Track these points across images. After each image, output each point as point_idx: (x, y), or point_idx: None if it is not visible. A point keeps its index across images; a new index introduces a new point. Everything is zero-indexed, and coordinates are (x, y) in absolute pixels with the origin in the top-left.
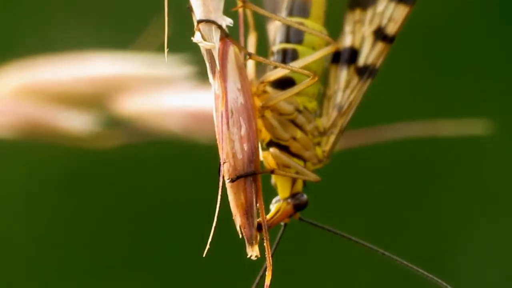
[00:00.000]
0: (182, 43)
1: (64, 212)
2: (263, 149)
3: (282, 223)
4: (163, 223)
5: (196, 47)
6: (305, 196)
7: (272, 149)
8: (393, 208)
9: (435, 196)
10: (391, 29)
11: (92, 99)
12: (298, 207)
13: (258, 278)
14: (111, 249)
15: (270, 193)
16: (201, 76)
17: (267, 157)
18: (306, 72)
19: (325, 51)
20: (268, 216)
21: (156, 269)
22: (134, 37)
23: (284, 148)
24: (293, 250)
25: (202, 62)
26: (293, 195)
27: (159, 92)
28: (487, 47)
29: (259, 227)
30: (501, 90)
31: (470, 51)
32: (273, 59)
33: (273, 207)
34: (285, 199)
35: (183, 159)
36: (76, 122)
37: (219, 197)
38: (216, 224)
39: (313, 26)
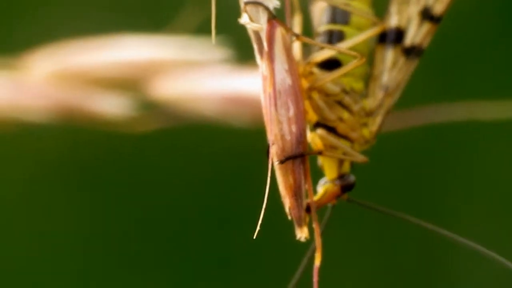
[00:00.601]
0: (217, 25)
1: (84, 201)
2: (310, 131)
3: (330, 204)
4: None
5: (230, 29)
6: (352, 177)
7: (319, 130)
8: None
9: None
10: (438, 9)
11: (128, 83)
12: (346, 188)
13: (305, 259)
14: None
15: (317, 175)
16: (237, 59)
17: (314, 138)
18: (353, 53)
19: (372, 32)
20: (316, 198)
21: (175, 264)
22: (170, 19)
23: (331, 129)
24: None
25: (239, 45)
26: (340, 176)
27: (195, 76)
28: None
29: (308, 209)
30: None
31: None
32: (319, 41)
33: (321, 189)
34: (332, 181)
35: (219, 143)
36: (112, 106)
37: (268, 178)
38: (265, 205)
39: (359, 6)
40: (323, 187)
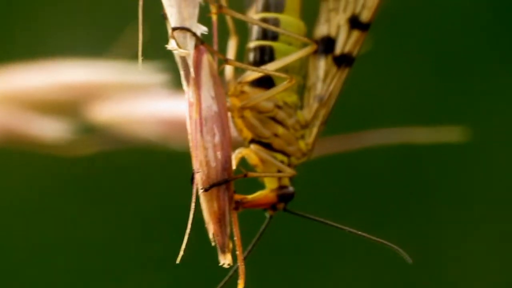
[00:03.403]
0: (157, 50)
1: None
2: (245, 147)
3: (266, 215)
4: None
5: (170, 54)
6: (291, 188)
7: (252, 146)
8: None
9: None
10: (366, 16)
11: (67, 106)
12: (282, 196)
13: (225, 279)
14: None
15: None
16: (176, 83)
17: (250, 154)
18: (283, 75)
19: (303, 52)
20: (249, 197)
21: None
22: (109, 44)
23: (267, 145)
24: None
25: (177, 69)
26: (279, 187)
27: (134, 99)
28: (474, 53)
29: (236, 207)
30: (478, 96)
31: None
32: (251, 56)
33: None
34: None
35: (157, 166)
36: (51, 130)
37: (192, 205)
38: (190, 231)
39: (289, 20)
40: (260, 192)
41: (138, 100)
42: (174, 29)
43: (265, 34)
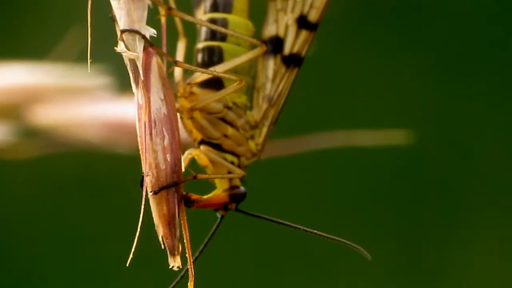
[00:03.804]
0: (101, 52)
1: None
2: (195, 148)
3: (218, 215)
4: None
5: (115, 57)
6: (242, 188)
7: (202, 147)
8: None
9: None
10: (314, 16)
11: (9, 109)
12: (234, 196)
13: (177, 280)
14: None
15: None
16: (120, 86)
17: (200, 155)
18: (233, 77)
19: (252, 54)
20: (203, 197)
21: None
22: (52, 45)
23: (217, 146)
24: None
25: (121, 72)
26: (230, 188)
27: (78, 102)
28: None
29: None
30: (420, 100)
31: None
32: (200, 57)
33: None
34: (224, 191)
35: (101, 169)
36: None
37: (142, 208)
38: (139, 234)
39: (237, 21)
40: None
41: (82, 103)
42: (123, 31)
43: (213, 35)
